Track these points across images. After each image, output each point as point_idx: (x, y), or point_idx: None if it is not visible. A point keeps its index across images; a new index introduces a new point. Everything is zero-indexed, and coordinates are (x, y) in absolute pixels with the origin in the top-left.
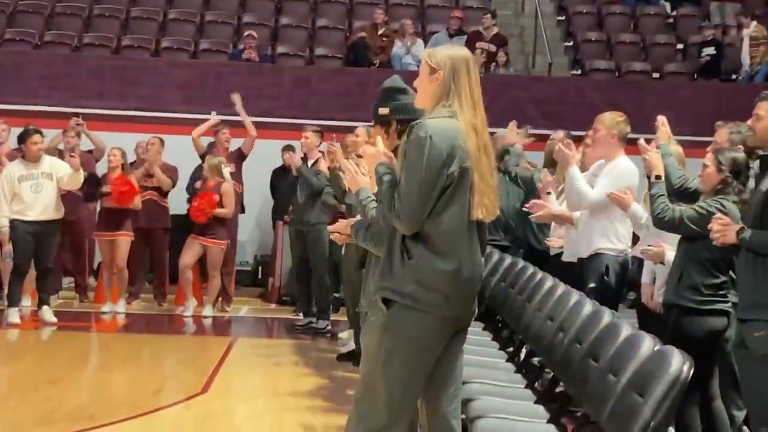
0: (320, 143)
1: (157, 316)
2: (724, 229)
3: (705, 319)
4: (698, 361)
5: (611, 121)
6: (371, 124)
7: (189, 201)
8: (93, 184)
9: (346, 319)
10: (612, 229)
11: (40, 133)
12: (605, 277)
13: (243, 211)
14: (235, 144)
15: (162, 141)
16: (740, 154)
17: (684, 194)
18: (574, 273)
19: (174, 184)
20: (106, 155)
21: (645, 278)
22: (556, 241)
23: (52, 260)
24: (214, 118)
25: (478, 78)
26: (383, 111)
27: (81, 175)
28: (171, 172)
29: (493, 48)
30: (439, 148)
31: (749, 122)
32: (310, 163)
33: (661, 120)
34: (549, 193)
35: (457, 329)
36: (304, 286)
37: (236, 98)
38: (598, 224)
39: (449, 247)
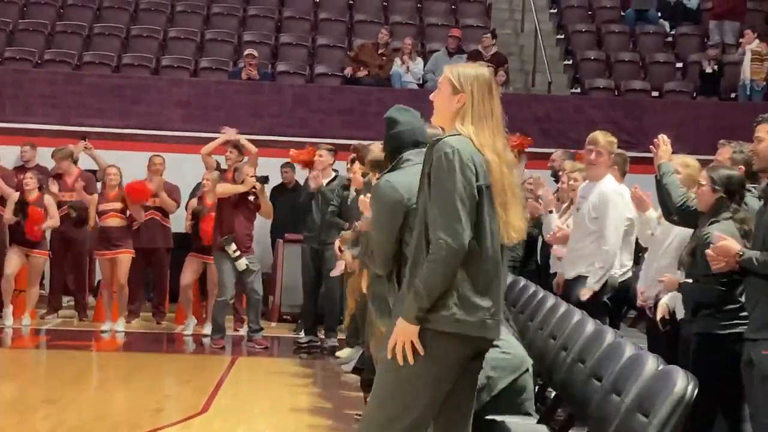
0: (333, 161)
1: (157, 335)
2: (719, 257)
3: (727, 345)
4: (727, 388)
5: (605, 141)
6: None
7: (194, 220)
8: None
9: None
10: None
11: None
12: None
13: None
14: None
15: (163, 159)
16: (734, 172)
17: (685, 213)
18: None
19: (178, 206)
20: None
21: (640, 284)
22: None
23: None
24: (224, 135)
25: (499, 100)
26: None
27: None
28: (175, 193)
29: (492, 67)
30: (468, 162)
31: (752, 146)
32: (325, 181)
33: (662, 138)
34: (551, 212)
35: (477, 352)
36: (311, 305)
37: (229, 131)
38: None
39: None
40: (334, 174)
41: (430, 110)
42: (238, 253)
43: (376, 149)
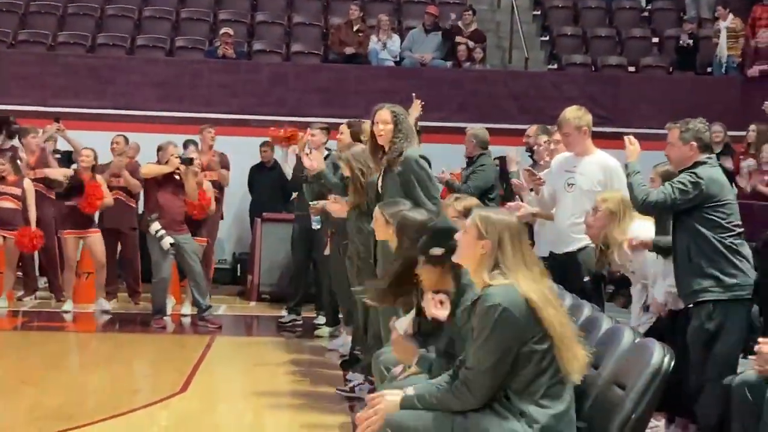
0: (326, 140)
1: (135, 316)
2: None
3: None
4: None
5: (575, 117)
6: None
7: None
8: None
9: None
10: None
11: None
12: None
13: (222, 218)
14: (221, 143)
15: (126, 139)
16: (668, 167)
17: (647, 207)
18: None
19: (142, 186)
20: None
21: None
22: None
23: None
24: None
25: (527, 244)
26: (436, 252)
27: None
28: (138, 173)
29: (471, 44)
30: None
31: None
32: None
33: (628, 139)
34: (531, 190)
35: None
36: (299, 284)
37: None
38: None
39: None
40: (326, 152)
41: (407, 88)
42: (161, 232)
43: (367, 127)
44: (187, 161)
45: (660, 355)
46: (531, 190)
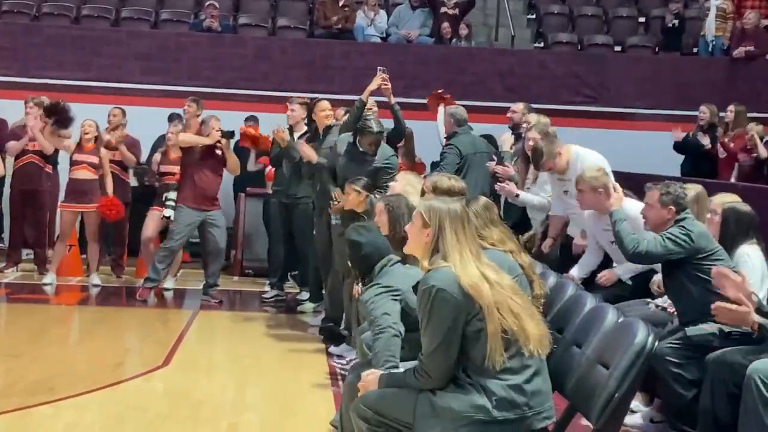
0: (306, 115)
1: (118, 289)
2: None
3: None
4: None
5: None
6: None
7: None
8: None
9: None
10: None
11: None
12: None
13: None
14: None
15: (124, 111)
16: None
17: (638, 256)
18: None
19: (138, 161)
20: (79, 127)
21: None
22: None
23: None
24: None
25: (470, 228)
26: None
27: None
28: (135, 148)
29: (457, 12)
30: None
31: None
32: (296, 135)
33: (613, 185)
34: (517, 196)
35: None
36: (279, 259)
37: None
38: None
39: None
40: (306, 128)
41: (392, 64)
42: (170, 202)
43: (322, 104)
44: (229, 134)
45: (644, 335)
46: (517, 195)
